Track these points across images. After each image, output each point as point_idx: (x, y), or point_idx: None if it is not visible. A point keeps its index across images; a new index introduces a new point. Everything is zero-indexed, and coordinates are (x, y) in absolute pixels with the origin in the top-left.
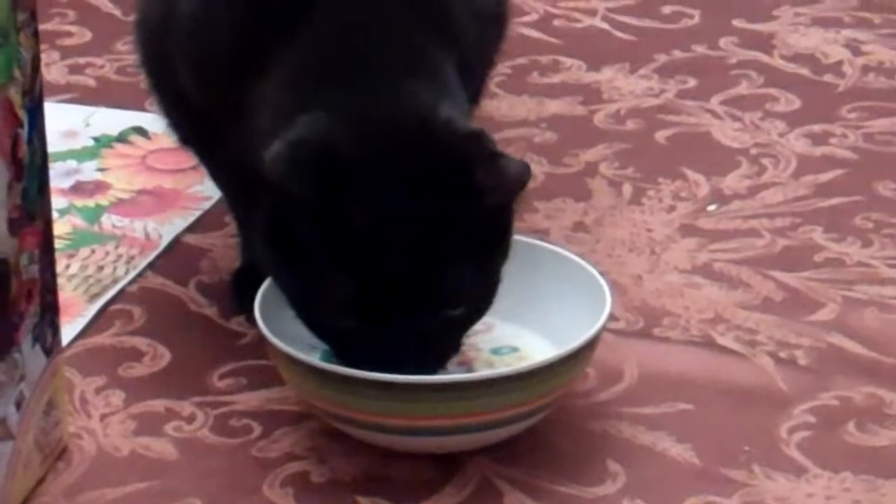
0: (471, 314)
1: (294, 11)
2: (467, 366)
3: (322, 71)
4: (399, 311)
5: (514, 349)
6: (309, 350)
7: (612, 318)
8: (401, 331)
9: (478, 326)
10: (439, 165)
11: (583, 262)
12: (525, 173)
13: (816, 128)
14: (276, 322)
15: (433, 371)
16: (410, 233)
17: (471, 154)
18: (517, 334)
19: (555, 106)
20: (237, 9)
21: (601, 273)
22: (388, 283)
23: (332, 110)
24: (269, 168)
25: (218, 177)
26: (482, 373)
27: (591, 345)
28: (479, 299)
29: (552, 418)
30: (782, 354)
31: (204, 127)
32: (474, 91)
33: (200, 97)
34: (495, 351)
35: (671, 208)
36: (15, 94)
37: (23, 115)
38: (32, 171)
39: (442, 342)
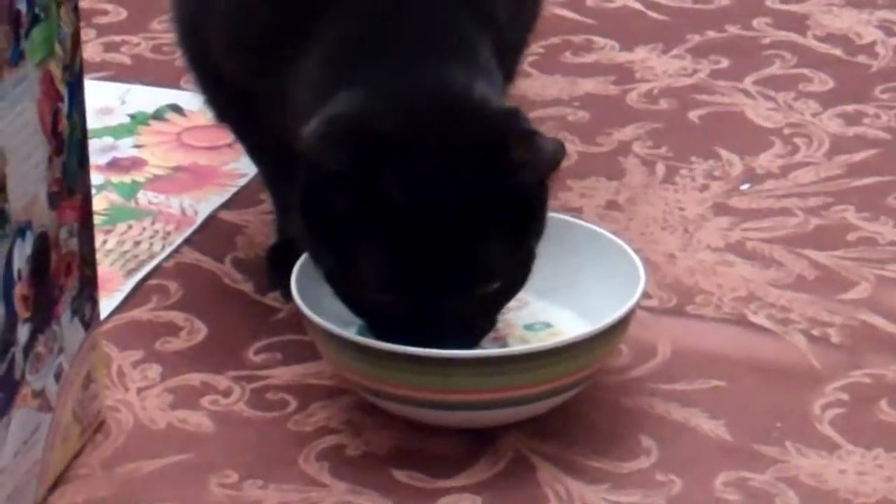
0: (506, 291)
1: None
2: (501, 341)
3: (359, 48)
4: (433, 286)
5: (548, 325)
6: (345, 325)
7: (645, 295)
8: (435, 306)
9: (512, 303)
10: (475, 141)
11: (617, 240)
12: (560, 151)
13: (849, 108)
14: (311, 297)
15: (468, 347)
16: (445, 208)
17: (507, 130)
18: (551, 310)
19: (588, 85)
20: None
21: (635, 250)
22: (422, 258)
23: (369, 87)
24: (307, 143)
25: (254, 153)
26: (516, 348)
27: (624, 321)
28: (514, 276)
29: (586, 394)
30: (815, 332)
31: (240, 104)
32: (509, 70)
33: (237, 75)
34: (529, 327)
35: (704, 187)
36: (55, 69)
37: (63, 90)
38: (72, 145)
39: (476, 318)
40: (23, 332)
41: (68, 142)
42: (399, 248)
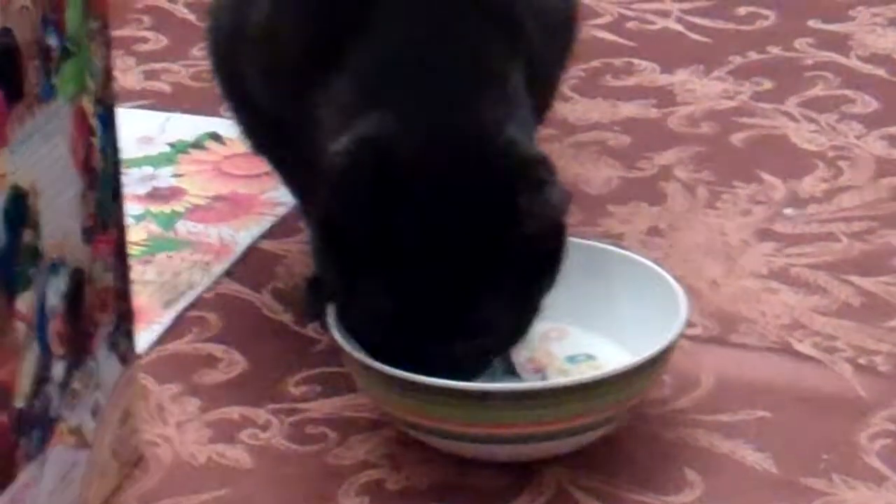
0: (502, 343)
1: (361, 16)
2: (541, 373)
3: (390, 73)
4: (431, 334)
5: (590, 357)
6: None
7: (688, 324)
8: (431, 353)
9: (552, 333)
10: (490, 189)
11: (657, 268)
12: (564, 202)
13: (894, 129)
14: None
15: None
16: (451, 254)
17: (519, 179)
18: (592, 342)
19: (629, 109)
20: (306, 14)
21: (676, 278)
22: (421, 305)
23: (397, 111)
24: (330, 160)
25: (290, 183)
26: (557, 380)
27: (666, 352)
28: (512, 331)
29: (628, 426)
30: (861, 361)
31: (275, 133)
32: (545, 96)
33: (271, 103)
34: (570, 359)
35: (747, 212)
36: (87, 103)
37: (96, 124)
38: (106, 179)
39: (469, 364)
40: (58, 369)
41: (102, 176)
42: (400, 291)
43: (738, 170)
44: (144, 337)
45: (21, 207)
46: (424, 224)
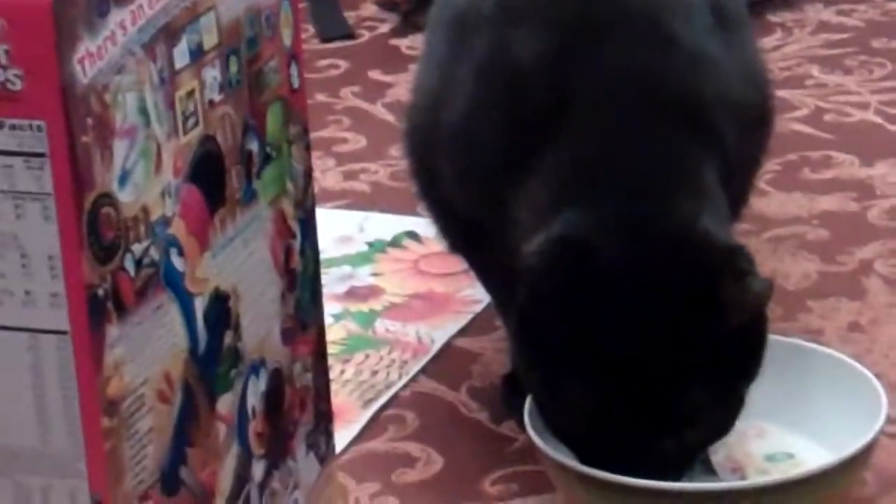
0: (709, 436)
1: (555, 118)
2: (741, 472)
3: (584, 173)
4: (633, 430)
5: (789, 455)
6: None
7: (889, 420)
8: (634, 449)
9: (751, 432)
10: (690, 282)
11: (856, 365)
12: (767, 290)
13: None
14: (546, 427)
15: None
16: (652, 351)
17: (719, 270)
18: (791, 440)
19: (827, 202)
20: (500, 117)
21: (877, 375)
22: (624, 400)
23: (592, 211)
24: (526, 259)
25: (486, 281)
26: (757, 480)
27: (868, 450)
28: (718, 423)
29: None
30: None
31: (471, 233)
32: (741, 192)
33: (466, 204)
34: (769, 457)
35: None
36: (287, 206)
37: (295, 227)
38: (305, 280)
39: (676, 460)
40: (258, 469)
41: (301, 277)
42: (602, 388)
43: None
44: (343, 435)
45: (222, 310)
46: (625, 321)
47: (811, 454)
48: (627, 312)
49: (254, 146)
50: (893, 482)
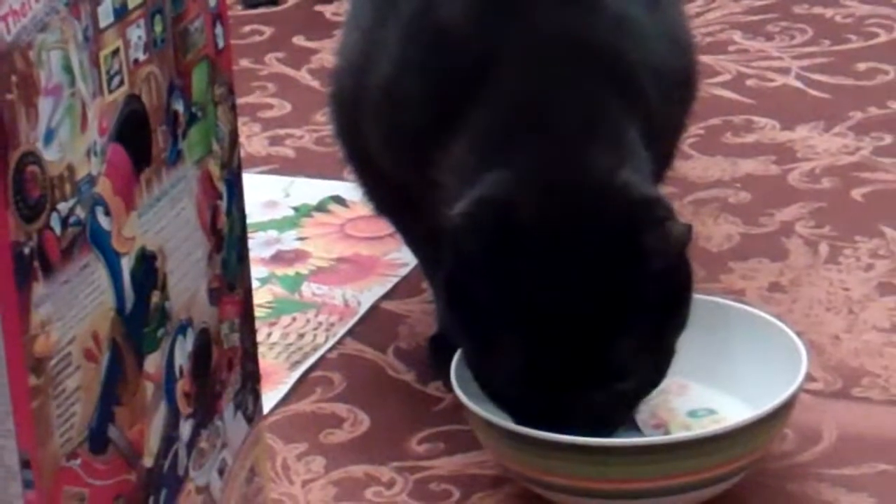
0: (641, 387)
1: (478, 75)
2: (664, 428)
3: (507, 133)
4: (565, 384)
5: (711, 411)
6: (504, 414)
7: (809, 378)
8: (567, 402)
9: (672, 388)
10: (611, 232)
11: (778, 323)
12: (686, 233)
13: None
14: (472, 386)
15: (602, 436)
16: (579, 303)
17: (640, 220)
18: (713, 396)
19: (749, 166)
20: (425, 79)
21: (798, 333)
22: (555, 355)
23: (515, 171)
24: (452, 223)
25: (413, 243)
26: (679, 435)
27: (788, 406)
28: (650, 373)
29: (750, 480)
30: None
31: (397, 195)
32: (665, 153)
33: (392, 166)
34: (692, 413)
35: (869, 267)
36: (214, 167)
37: (222, 187)
38: (232, 241)
39: (610, 413)
40: (185, 429)
41: (228, 238)
42: (532, 345)
43: (859, 224)
44: (270, 397)
45: (149, 269)
46: (550, 276)
47: (733, 410)
48: (551, 267)
49: (179, 106)
50: (813, 438)
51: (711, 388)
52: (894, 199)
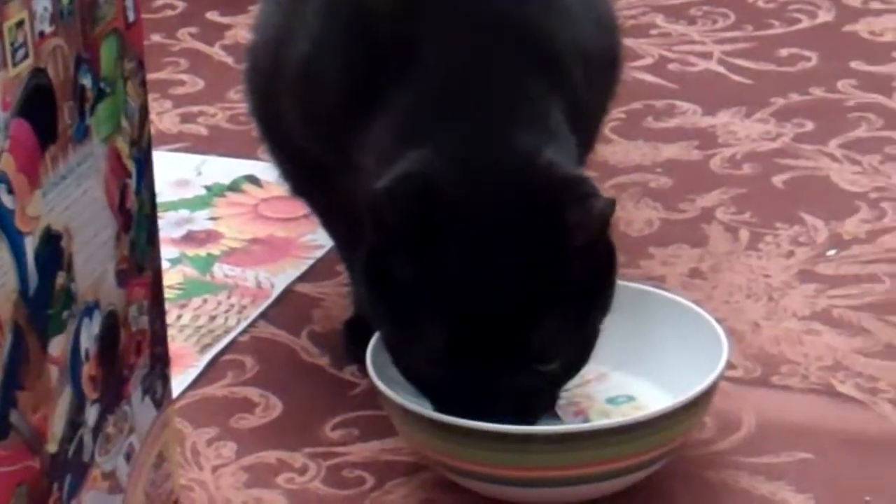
0: (565, 370)
1: (401, 54)
2: (582, 415)
3: (427, 112)
4: (488, 365)
5: (630, 398)
6: (421, 400)
7: (729, 365)
8: (491, 385)
9: (591, 375)
10: (535, 210)
11: (698, 310)
12: (608, 208)
13: None
14: (388, 372)
15: (525, 423)
16: (502, 282)
17: (564, 197)
18: (633, 383)
19: (670, 151)
20: (345, 57)
21: (718, 320)
22: (477, 335)
23: (437, 148)
24: (373, 198)
25: (329, 225)
26: (598, 423)
27: (708, 393)
28: (573, 356)
29: (669, 468)
30: None
31: (314, 175)
32: (587, 136)
33: (309, 143)
34: (611, 400)
35: (789, 254)
36: (122, 145)
37: (131, 166)
38: (141, 221)
39: (535, 395)
40: (91, 413)
41: (137, 218)
42: (454, 323)
43: (780, 211)
44: (180, 381)
45: (54, 250)
46: (471, 255)
47: (652, 398)
48: (473, 246)
49: (87, 81)
50: (732, 426)
51: (631, 375)
52: (815, 186)
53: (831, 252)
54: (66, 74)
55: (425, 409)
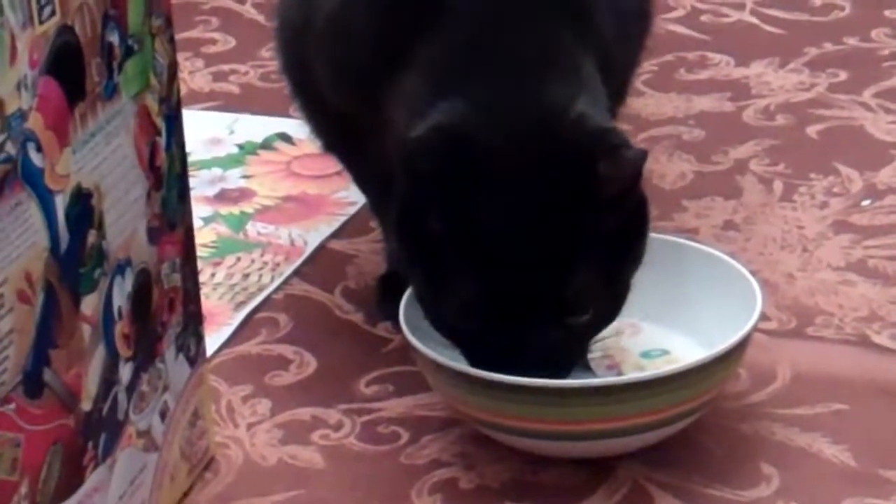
0: (597, 322)
1: (430, 6)
2: (617, 369)
3: (460, 65)
4: (520, 317)
5: (665, 352)
6: (454, 354)
7: (763, 317)
8: (522, 337)
9: (626, 329)
10: (567, 161)
11: (732, 261)
12: (640, 158)
13: None
14: (421, 327)
15: (556, 377)
16: (535, 234)
17: (596, 148)
18: (666, 336)
19: (703, 103)
20: (374, 9)
21: (752, 272)
22: (510, 287)
23: (469, 99)
24: (405, 147)
25: (361, 181)
26: (632, 376)
27: (742, 345)
28: (606, 308)
29: (704, 421)
30: None
31: (345, 131)
32: (619, 89)
33: (340, 100)
34: (645, 354)
35: (824, 204)
36: (152, 102)
37: (160, 123)
38: (171, 179)
39: (566, 348)
40: (125, 372)
41: (167, 176)
42: (487, 276)
43: (814, 162)
44: (214, 339)
45: (85, 208)
46: (505, 205)
47: (686, 350)
48: (506, 198)
49: (114, 38)
50: (767, 378)
51: (665, 329)
52: (849, 136)
53: (866, 202)
54: (93, 31)
55: (458, 363)
